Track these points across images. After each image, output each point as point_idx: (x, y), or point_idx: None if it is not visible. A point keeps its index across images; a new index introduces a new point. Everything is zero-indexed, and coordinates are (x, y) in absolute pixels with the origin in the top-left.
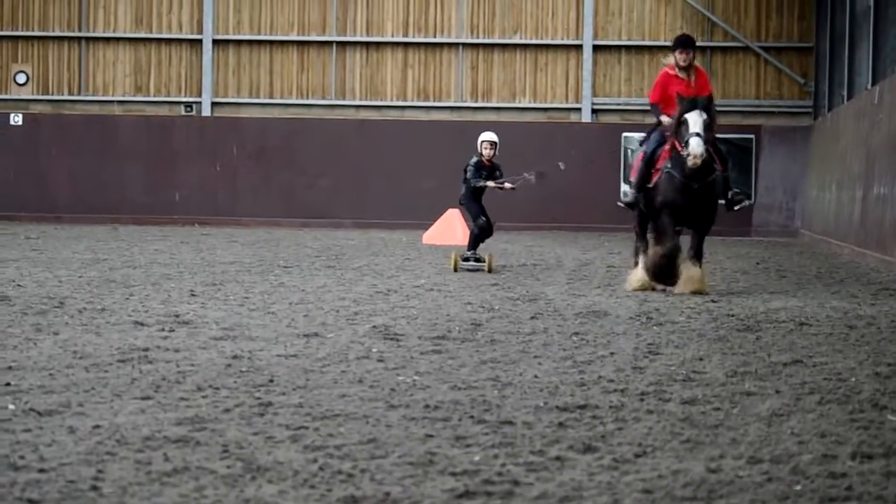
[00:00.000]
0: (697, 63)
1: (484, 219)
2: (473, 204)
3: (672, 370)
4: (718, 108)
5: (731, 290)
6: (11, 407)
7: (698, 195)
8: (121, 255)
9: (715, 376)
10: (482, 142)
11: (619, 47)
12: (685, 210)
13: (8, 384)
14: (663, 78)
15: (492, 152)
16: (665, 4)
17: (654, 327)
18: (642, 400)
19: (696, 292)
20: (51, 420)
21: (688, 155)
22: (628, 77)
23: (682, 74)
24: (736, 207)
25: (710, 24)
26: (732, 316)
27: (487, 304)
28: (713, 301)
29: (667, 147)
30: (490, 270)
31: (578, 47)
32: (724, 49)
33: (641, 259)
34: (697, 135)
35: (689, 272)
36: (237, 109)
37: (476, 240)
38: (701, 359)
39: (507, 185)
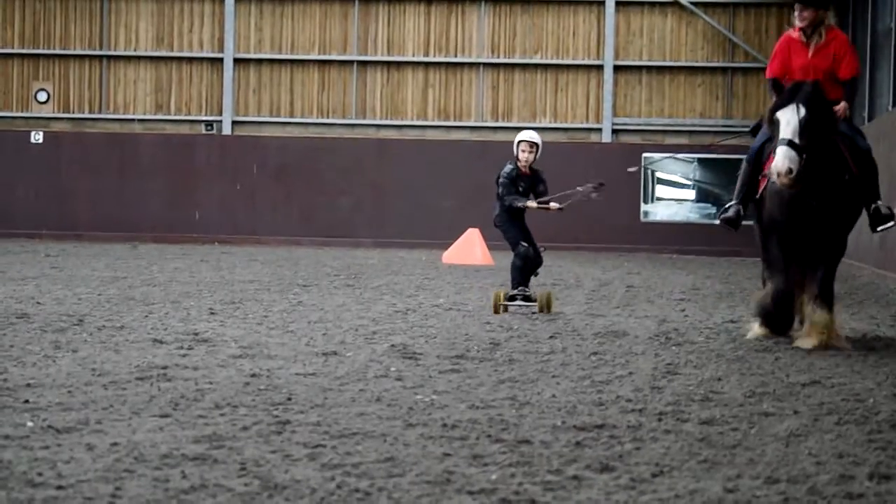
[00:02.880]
0: (832, 24)
1: (525, 245)
2: (511, 226)
3: (690, 390)
4: (740, 128)
5: (750, 310)
6: (30, 424)
7: (818, 214)
8: (140, 272)
9: (733, 396)
10: (519, 142)
11: (639, 68)
12: (801, 234)
13: (27, 401)
14: (783, 43)
15: (531, 157)
16: (686, 25)
17: (673, 347)
18: (660, 420)
19: (823, 346)
20: (69, 437)
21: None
22: (649, 97)
23: (804, 39)
24: (879, 229)
25: (731, 45)
26: (749, 338)
27: (506, 324)
28: (731, 321)
29: None
30: (544, 310)
31: (599, 67)
32: (745, 70)
33: (757, 298)
34: (788, 143)
35: (812, 318)
36: (258, 128)
37: (520, 273)
38: (719, 379)
39: (554, 205)
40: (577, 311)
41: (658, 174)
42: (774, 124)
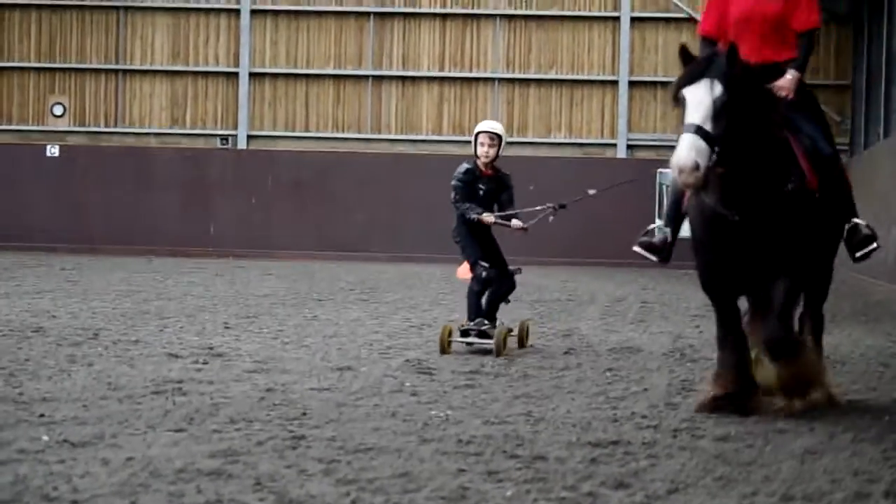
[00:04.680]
0: None
1: (485, 266)
2: (470, 241)
3: None
4: None
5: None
6: (45, 438)
7: (744, 234)
8: (155, 286)
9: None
10: (477, 134)
11: (654, 83)
12: (730, 259)
13: (42, 415)
14: None
15: (493, 151)
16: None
17: (688, 364)
18: (675, 436)
19: (788, 397)
20: (84, 452)
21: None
22: (664, 113)
23: None
24: (859, 255)
25: None
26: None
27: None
28: None
29: None
30: (500, 353)
31: (614, 83)
32: None
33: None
34: (696, 130)
35: (768, 366)
36: (273, 142)
37: (477, 301)
38: None
39: (517, 223)
40: (591, 326)
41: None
42: (681, 104)
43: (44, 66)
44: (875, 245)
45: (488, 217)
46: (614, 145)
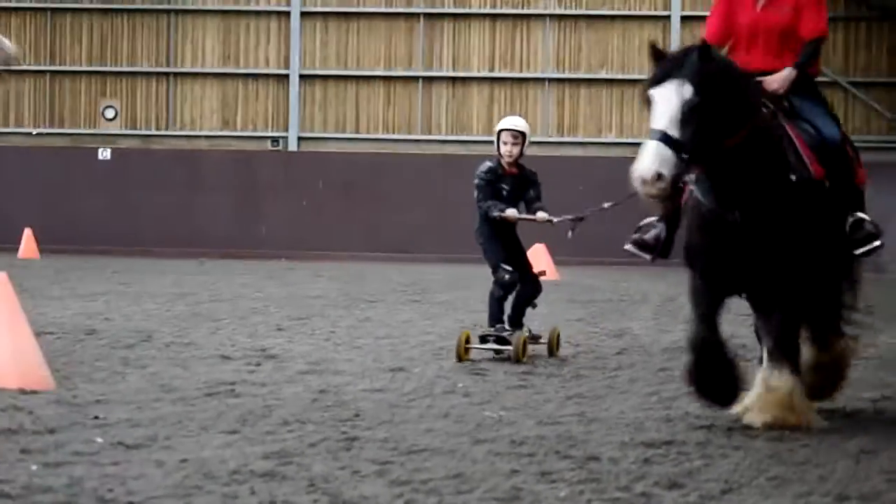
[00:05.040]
0: None
1: (508, 269)
2: (493, 243)
3: None
4: None
5: None
6: (100, 440)
7: (746, 235)
8: (207, 288)
9: None
10: (500, 132)
11: None
12: (728, 264)
13: (96, 417)
14: None
15: (516, 150)
16: None
17: (741, 363)
18: (729, 436)
19: (780, 424)
20: (138, 453)
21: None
22: None
23: None
24: (860, 251)
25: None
26: None
27: (573, 340)
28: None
29: None
30: (518, 360)
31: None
32: None
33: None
34: (661, 138)
35: (767, 383)
36: (323, 144)
37: (498, 306)
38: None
39: (542, 215)
40: (643, 326)
41: None
42: (650, 106)
43: (95, 69)
44: (878, 243)
45: (512, 213)
46: None
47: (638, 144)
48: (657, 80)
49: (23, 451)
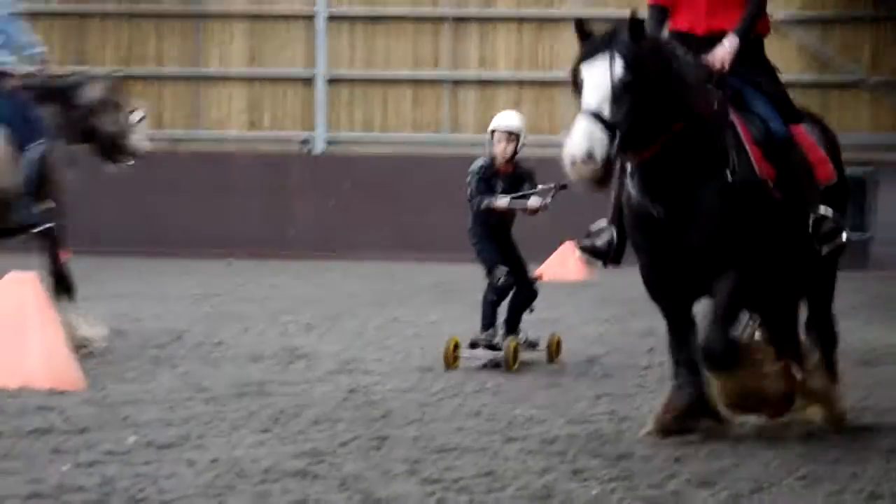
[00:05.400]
0: None
1: (504, 271)
2: (487, 243)
3: None
4: None
5: (848, 324)
6: (131, 440)
7: (673, 232)
8: (236, 289)
9: None
10: (492, 132)
11: None
12: (673, 263)
13: (127, 417)
14: None
15: (510, 150)
16: (779, 39)
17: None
18: (760, 435)
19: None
20: (170, 453)
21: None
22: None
23: None
24: (826, 249)
25: (824, 61)
26: (850, 350)
27: (603, 339)
28: None
29: None
30: (510, 367)
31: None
32: (840, 85)
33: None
34: (592, 115)
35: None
36: (350, 146)
37: (492, 310)
38: None
39: (536, 201)
40: None
41: None
42: (579, 86)
43: (122, 73)
44: (843, 238)
45: (501, 202)
46: None
47: None
48: (586, 58)
49: (55, 451)
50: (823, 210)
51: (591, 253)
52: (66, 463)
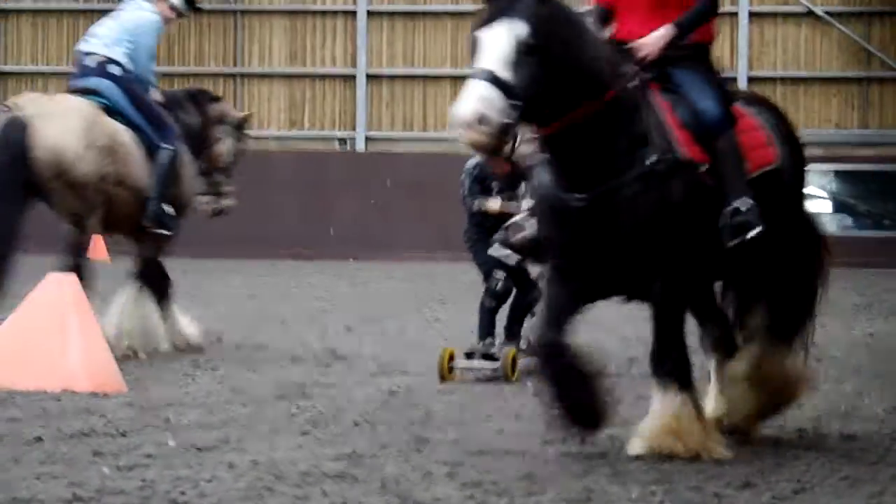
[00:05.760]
0: None
1: (502, 275)
2: (482, 246)
3: (830, 406)
4: (871, 141)
5: (889, 323)
6: (172, 443)
7: (594, 224)
8: (276, 289)
9: (874, 412)
10: None
11: (773, 79)
12: (581, 259)
13: (168, 420)
14: None
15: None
16: (821, 35)
17: (812, 362)
18: (801, 436)
19: (664, 454)
20: (210, 456)
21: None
22: (783, 108)
23: None
24: (733, 242)
25: (867, 55)
26: (892, 350)
27: (644, 339)
28: (871, 335)
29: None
30: (508, 378)
31: (732, 79)
32: (882, 80)
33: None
34: (486, 76)
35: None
36: (391, 143)
37: (489, 318)
38: (860, 394)
39: (528, 203)
40: None
41: None
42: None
43: (163, 70)
44: (754, 232)
45: (492, 203)
46: None
47: None
48: (487, 21)
49: (95, 454)
50: (739, 202)
51: (515, 248)
52: (106, 466)
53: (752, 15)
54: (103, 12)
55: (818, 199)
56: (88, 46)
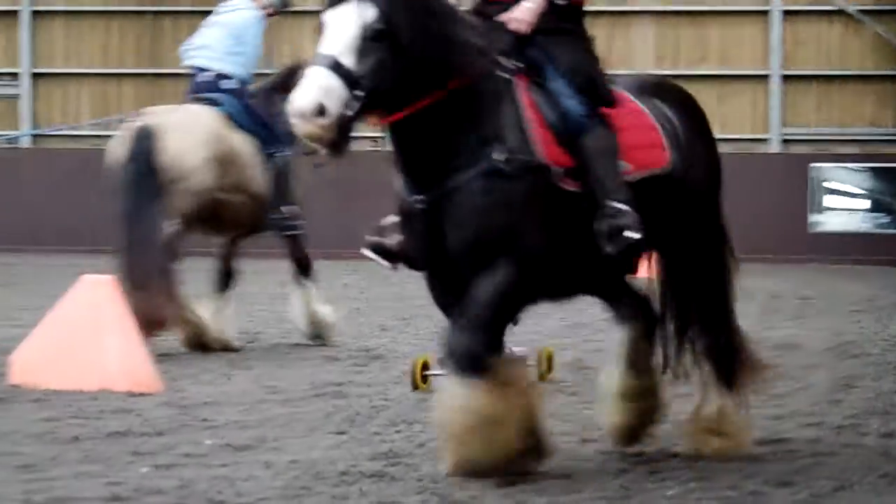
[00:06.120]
0: None
1: None
2: None
3: (869, 403)
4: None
5: None
6: (208, 442)
7: (436, 226)
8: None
9: None
10: None
11: (808, 77)
12: (437, 268)
13: (204, 419)
14: None
15: None
16: (854, 33)
17: (849, 360)
18: (839, 434)
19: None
20: (247, 455)
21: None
22: (817, 107)
23: None
24: (609, 249)
25: None
26: None
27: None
28: None
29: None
30: (543, 376)
31: (765, 77)
32: None
33: None
34: (327, 63)
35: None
36: None
37: None
38: None
39: None
40: (749, 323)
41: (826, 184)
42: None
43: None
44: (630, 238)
45: None
46: (765, 140)
47: (739, 140)
48: (333, 2)
49: (133, 454)
50: (612, 206)
51: (379, 252)
52: (144, 465)
53: (785, 13)
54: (135, 14)
55: (855, 198)
56: (200, 61)
